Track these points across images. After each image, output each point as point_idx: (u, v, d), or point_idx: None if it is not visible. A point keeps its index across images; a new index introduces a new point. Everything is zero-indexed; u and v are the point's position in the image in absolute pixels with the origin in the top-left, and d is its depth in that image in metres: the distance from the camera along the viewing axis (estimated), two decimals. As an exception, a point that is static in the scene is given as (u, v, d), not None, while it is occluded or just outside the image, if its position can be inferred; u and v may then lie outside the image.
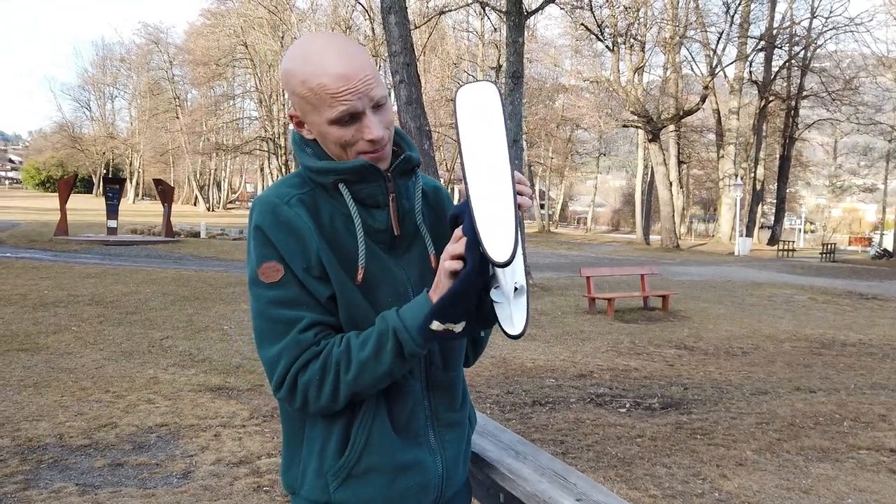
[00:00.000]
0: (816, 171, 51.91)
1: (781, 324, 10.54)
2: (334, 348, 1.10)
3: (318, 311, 1.12)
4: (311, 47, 1.12)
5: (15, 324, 7.97)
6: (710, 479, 4.08)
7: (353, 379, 1.09)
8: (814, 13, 35.20)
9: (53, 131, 73.21)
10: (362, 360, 1.09)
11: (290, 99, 1.16)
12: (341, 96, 1.08)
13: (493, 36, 36.20)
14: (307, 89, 1.10)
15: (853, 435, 4.99)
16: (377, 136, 1.12)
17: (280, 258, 1.11)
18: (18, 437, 4.32)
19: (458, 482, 1.28)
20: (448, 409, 1.25)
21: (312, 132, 1.18)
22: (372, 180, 1.15)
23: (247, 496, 3.60)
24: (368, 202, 1.17)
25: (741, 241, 31.40)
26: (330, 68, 1.08)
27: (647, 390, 6.20)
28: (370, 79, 1.10)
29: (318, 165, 1.16)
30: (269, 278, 1.11)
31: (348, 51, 1.11)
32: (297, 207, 1.13)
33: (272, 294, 1.11)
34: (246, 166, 65.85)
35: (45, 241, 20.01)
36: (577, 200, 73.06)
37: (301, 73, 1.11)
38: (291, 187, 1.17)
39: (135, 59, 64.94)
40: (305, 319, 1.10)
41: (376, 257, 1.17)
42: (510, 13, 13.89)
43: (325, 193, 1.17)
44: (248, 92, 53.91)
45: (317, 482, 1.18)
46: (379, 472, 1.16)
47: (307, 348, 1.10)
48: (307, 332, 1.10)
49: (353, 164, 1.13)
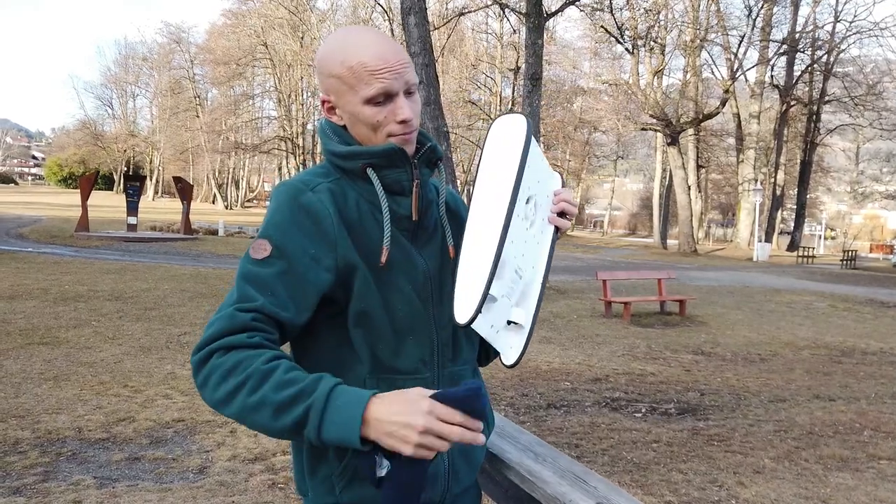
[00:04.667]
0: (838, 176, 51.32)
1: (801, 331, 10.42)
2: (260, 359, 1.02)
3: (276, 302, 1.07)
4: (351, 32, 1.18)
5: (36, 318, 8.08)
6: (727, 486, 4.04)
7: (252, 406, 1.00)
8: (837, 17, 34.79)
9: (76, 128, 74.30)
10: (268, 400, 0.99)
11: (324, 84, 1.19)
12: (380, 74, 1.12)
13: (512, 38, 36.13)
14: (346, 68, 1.14)
15: (873, 444, 4.91)
16: (408, 117, 1.15)
17: (276, 240, 1.10)
18: (38, 430, 4.38)
19: (465, 480, 1.26)
20: None
21: (343, 117, 1.19)
22: (399, 165, 1.17)
23: (262, 493, 3.61)
24: (394, 188, 1.18)
25: (760, 247, 31.09)
26: (371, 47, 1.13)
27: (663, 395, 6.15)
28: (406, 63, 1.15)
29: (345, 150, 1.18)
30: (256, 254, 1.10)
31: (386, 37, 1.18)
32: (323, 194, 1.14)
33: (249, 269, 1.10)
34: (264, 165, 66.34)
35: (67, 237, 20.28)
36: (593, 204, 72.74)
37: (341, 53, 1.15)
38: (317, 176, 1.19)
39: (157, 58, 65.76)
40: (256, 302, 1.06)
41: (399, 243, 1.17)
42: (530, 15, 13.86)
43: (350, 181, 1.19)
44: (267, 91, 54.33)
45: (322, 485, 1.18)
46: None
47: (239, 330, 1.04)
48: (247, 312, 1.05)
49: (383, 147, 1.15)
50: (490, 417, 1.38)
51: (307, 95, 49.73)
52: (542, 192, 1.21)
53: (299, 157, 46.76)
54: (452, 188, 1.37)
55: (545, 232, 1.23)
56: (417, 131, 1.20)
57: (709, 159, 44.00)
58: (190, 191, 25.33)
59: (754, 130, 33.88)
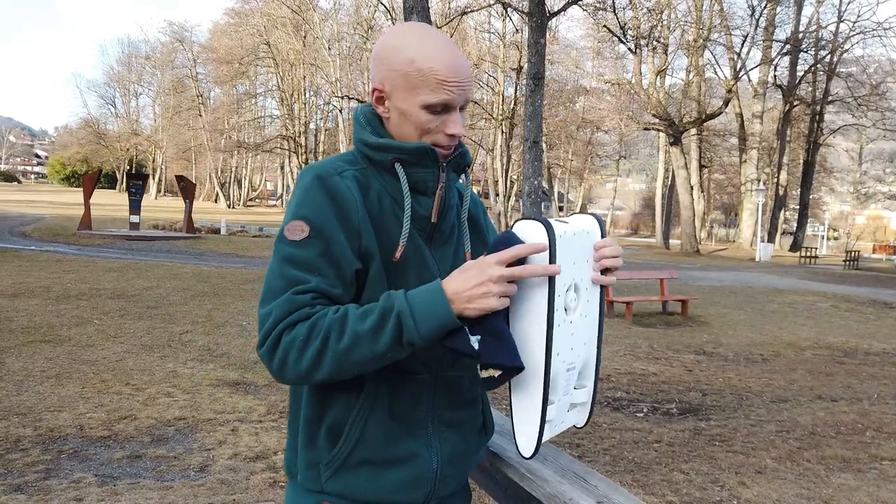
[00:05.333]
0: (841, 177, 51.20)
1: (803, 331, 10.40)
2: (329, 314, 1.06)
3: (328, 282, 1.10)
4: (427, 33, 1.17)
5: (38, 316, 8.09)
6: (729, 486, 4.03)
7: (344, 349, 1.04)
8: (841, 17, 34.70)
9: (79, 127, 74.46)
10: (359, 332, 1.04)
11: (381, 74, 1.18)
12: (448, 85, 1.13)
13: (515, 37, 36.11)
14: (414, 68, 1.13)
15: (876, 445, 4.90)
16: (458, 132, 1.17)
17: (312, 220, 1.11)
18: (40, 427, 4.39)
19: (453, 484, 1.25)
20: (450, 406, 1.24)
21: (391, 110, 1.19)
22: (427, 165, 1.18)
23: (263, 491, 3.62)
24: (419, 187, 1.19)
25: (763, 247, 31.03)
26: (445, 57, 1.14)
27: (665, 395, 6.14)
28: (470, 79, 1.17)
29: (378, 142, 1.18)
30: (293, 235, 1.11)
31: (457, 48, 1.19)
32: (349, 181, 1.16)
33: (290, 251, 1.10)
34: (266, 164, 66.43)
35: (69, 235, 20.31)
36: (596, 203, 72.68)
37: (413, 51, 1.14)
38: (345, 162, 1.20)
39: (159, 56, 65.85)
40: (310, 283, 1.08)
41: (415, 242, 1.19)
42: (532, 14, 13.84)
43: (376, 172, 1.20)
44: (269, 91, 54.40)
45: (309, 472, 1.19)
46: (372, 464, 1.16)
47: (299, 308, 1.07)
48: (305, 294, 1.07)
49: (415, 145, 1.16)
50: (490, 422, 1.38)
51: (309, 94, 49.76)
52: (581, 267, 1.15)
53: (301, 156, 46.76)
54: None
55: (592, 301, 1.17)
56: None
57: (711, 159, 43.90)
58: (192, 189, 25.35)
59: (757, 130, 33.81)
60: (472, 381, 1.28)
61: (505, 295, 1.04)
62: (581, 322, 1.16)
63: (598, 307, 1.19)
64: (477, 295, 1.02)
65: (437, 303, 1.03)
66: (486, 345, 1.05)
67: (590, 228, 1.16)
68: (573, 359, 1.15)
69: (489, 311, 1.03)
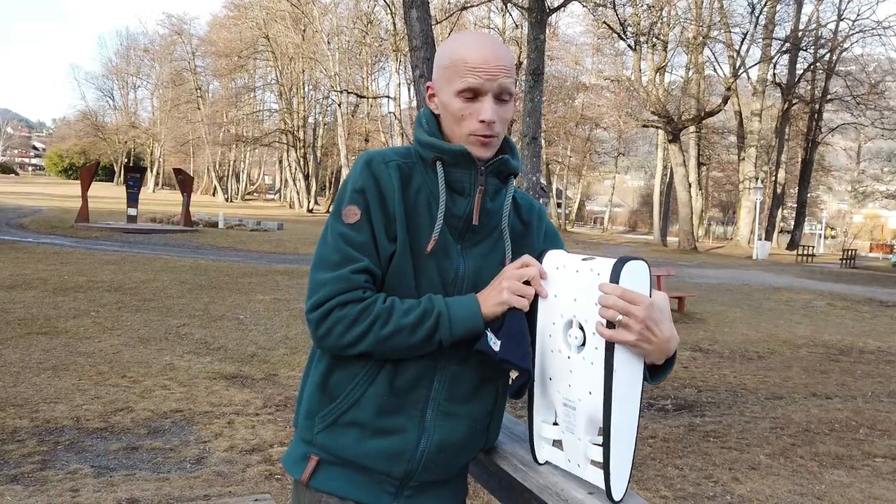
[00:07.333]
0: (839, 175, 51.25)
1: (799, 329, 10.43)
2: (378, 302, 1.20)
3: (375, 264, 1.22)
4: (471, 34, 1.30)
5: (35, 308, 8.09)
6: (723, 482, 4.05)
7: (386, 336, 1.18)
8: (840, 16, 34.70)
9: (77, 119, 74.28)
10: (401, 325, 1.18)
11: (434, 74, 1.31)
12: (475, 71, 1.21)
13: (515, 33, 36.04)
14: (449, 60, 1.24)
15: (869, 442, 4.93)
16: (488, 118, 1.22)
17: (363, 207, 1.22)
18: (37, 419, 4.39)
19: (439, 473, 1.29)
20: (450, 398, 1.26)
21: (439, 105, 1.29)
22: (464, 167, 1.25)
23: (259, 483, 3.63)
24: (455, 187, 1.26)
25: (760, 245, 31.09)
26: (475, 48, 1.23)
27: (660, 391, 6.16)
28: (504, 69, 1.23)
29: (426, 139, 1.27)
30: (349, 219, 1.22)
31: (496, 42, 1.27)
32: (393, 170, 1.25)
33: (346, 230, 1.22)
34: (265, 158, 66.27)
35: (67, 228, 20.27)
36: (594, 200, 72.72)
37: (451, 47, 1.26)
38: (397, 154, 1.30)
39: (158, 49, 65.60)
40: (363, 263, 1.21)
41: (443, 238, 1.26)
42: (532, 10, 13.79)
43: (422, 168, 1.28)
44: (268, 84, 54.21)
45: (307, 421, 1.29)
46: (361, 427, 1.24)
47: (353, 289, 1.19)
48: (360, 274, 1.20)
49: (453, 147, 1.24)
50: (496, 428, 1.39)
51: (308, 88, 49.64)
52: (584, 307, 1.12)
53: (300, 150, 46.69)
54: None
55: (599, 349, 1.09)
56: (501, 137, 1.27)
57: (710, 157, 43.95)
58: (190, 183, 25.30)
59: (756, 128, 33.81)
60: (480, 380, 1.30)
61: (518, 294, 1.18)
62: (584, 366, 1.12)
63: (605, 362, 1.08)
64: (496, 303, 1.20)
65: (474, 311, 1.20)
66: (503, 344, 1.18)
67: (601, 270, 1.09)
68: (570, 396, 1.15)
69: (503, 305, 1.19)
